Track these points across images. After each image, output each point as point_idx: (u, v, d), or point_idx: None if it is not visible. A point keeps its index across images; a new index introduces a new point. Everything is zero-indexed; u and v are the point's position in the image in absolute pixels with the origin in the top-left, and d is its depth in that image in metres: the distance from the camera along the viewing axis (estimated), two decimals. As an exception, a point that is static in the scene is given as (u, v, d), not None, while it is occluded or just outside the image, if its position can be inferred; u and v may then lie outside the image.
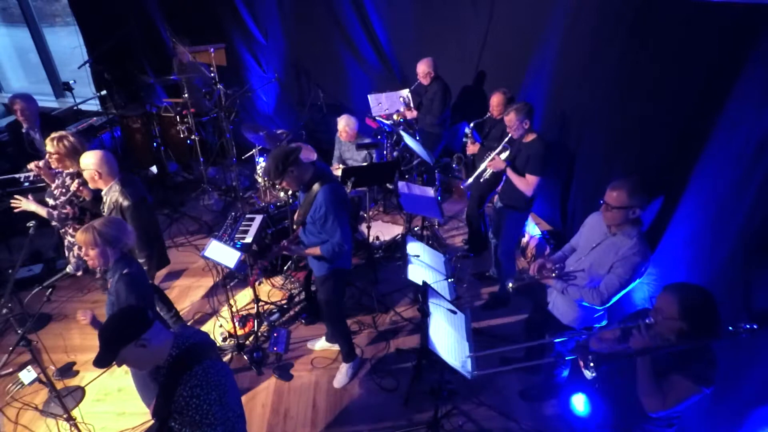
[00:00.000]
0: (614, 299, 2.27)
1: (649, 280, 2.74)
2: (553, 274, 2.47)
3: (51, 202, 3.13)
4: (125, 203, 2.82)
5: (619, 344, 1.99)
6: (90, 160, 2.80)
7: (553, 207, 4.30)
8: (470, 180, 3.78)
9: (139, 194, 2.91)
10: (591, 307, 2.41)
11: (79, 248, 2.35)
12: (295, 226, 2.83)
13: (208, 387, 1.63)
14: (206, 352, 1.76)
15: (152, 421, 2.89)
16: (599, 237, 2.36)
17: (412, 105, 5.04)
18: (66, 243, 3.26)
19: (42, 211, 3.09)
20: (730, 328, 1.59)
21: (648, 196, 2.23)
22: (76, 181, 3.05)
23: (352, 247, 2.90)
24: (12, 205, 3.09)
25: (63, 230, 3.21)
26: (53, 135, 3.04)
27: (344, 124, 4.50)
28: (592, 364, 1.67)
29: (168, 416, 1.66)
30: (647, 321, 1.78)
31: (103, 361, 1.63)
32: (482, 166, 3.64)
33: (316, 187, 2.61)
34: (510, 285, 2.67)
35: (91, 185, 2.92)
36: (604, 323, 2.56)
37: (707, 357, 1.74)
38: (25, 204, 3.09)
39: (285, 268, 4.23)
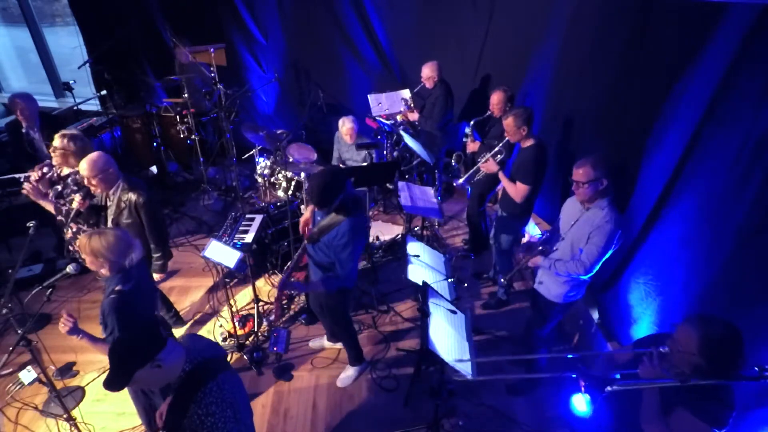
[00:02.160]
0: (596, 267, 2.46)
1: (646, 280, 2.74)
2: (540, 248, 2.69)
3: (63, 202, 3.13)
4: (141, 200, 2.82)
5: (627, 368, 1.85)
6: (102, 161, 2.75)
7: (554, 207, 4.29)
8: (462, 179, 3.78)
9: (147, 190, 2.92)
10: (569, 283, 2.65)
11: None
12: (306, 240, 2.77)
13: (223, 404, 1.59)
14: (219, 366, 1.70)
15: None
16: (575, 215, 2.60)
17: (413, 107, 5.03)
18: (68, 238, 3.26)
19: (49, 206, 3.07)
20: (756, 368, 1.44)
21: (609, 169, 2.39)
22: (78, 197, 2.95)
23: (356, 272, 2.85)
24: (24, 189, 3.03)
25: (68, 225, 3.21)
26: (63, 132, 3.05)
27: (350, 126, 4.49)
28: (584, 391, 1.56)
29: (179, 431, 1.61)
30: (661, 349, 1.63)
31: (115, 384, 1.56)
32: (476, 167, 3.63)
33: (340, 214, 2.52)
34: (503, 280, 2.87)
35: (99, 189, 2.86)
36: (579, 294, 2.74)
37: (723, 397, 1.58)
38: (35, 194, 3.03)
39: (285, 268, 4.23)
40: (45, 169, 3.19)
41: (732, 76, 2.17)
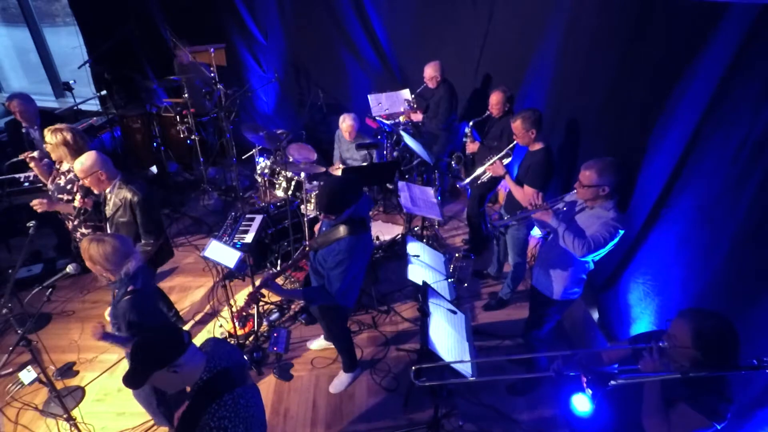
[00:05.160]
0: (594, 254, 2.46)
1: (645, 280, 2.74)
2: (554, 208, 2.66)
3: (66, 197, 3.14)
4: (135, 198, 2.83)
5: (625, 365, 1.90)
6: (89, 163, 2.76)
7: (553, 207, 4.29)
8: (467, 180, 3.78)
9: (144, 188, 2.93)
10: (569, 279, 2.67)
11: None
12: (307, 247, 2.75)
13: (236, 419, 1.57)
14: (238, 378, 1.68)
15: (152, 421, 2.91)
16: (578, 206, 2.63)
17: (416, 107, 5.02)
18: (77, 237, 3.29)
19: (68, 208, 3.12)
20: (755, 361, 1.45)
21: (618, 175, 2.40)
22: (78, 195, 3.05)
23: (358, 294, 2.79)
24: (36, 208, 3.02)
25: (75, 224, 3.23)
26: (51, 127, 3.04)
27: (350, 123, 4.49)
28: (586, 387, 1.59)
29: None
30: (660, 344, 1.66)
31: (132, 382, 1.59)
32: (481, 169, 3.62)
33: (342, 230, 2.43)
34: (494, 225, 3.03)
35: (96, 189, 2.90)
36: (577, 292, 2.76)
37: (722, 390, 1.61)
38: (49, 205, 3.06)
39: (281, 266, 4.23)
40: (36, 154, 3.18)
41: (731, 76, 2.17)
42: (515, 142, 3.28)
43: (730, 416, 1.60)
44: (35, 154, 3.20)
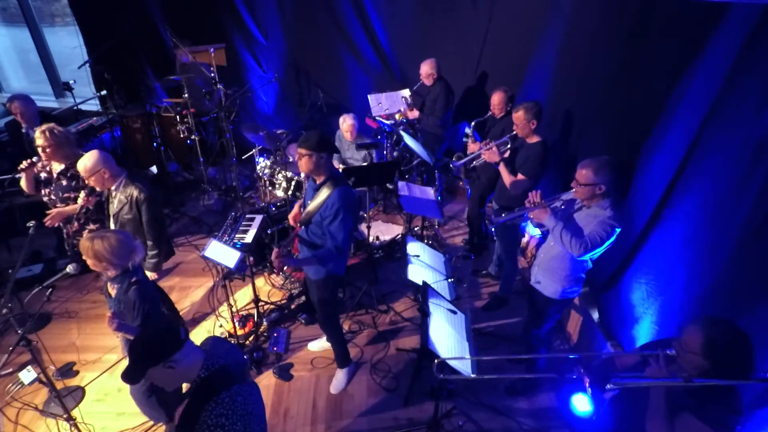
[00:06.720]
0: (590, 253, 2.47)
1: (647, 280, 2.74)
2: (552, 206, 2.66)
3: (74, 194, 3.17)
4: (142, 195, 2.88)
5: (634, 372, 1.87)
6: (92, 162, 2.78)
7: (553, 207, 4.29)
8: (461, 161, 3.80)
9: (149, 187, 2.96)
10: (568, 278, 2.67)
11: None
12: (298, 224, 2.82)
13: (233, 417, 1.57)
14: (236, 375, 1.68)
15: (152, 422, 2.91)
16: (575, 206, 2.65)
17: (412, 105, 5.03)
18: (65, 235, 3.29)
19: (76, 209, 3.15)
20: (766, 374, 1.42)
21: (614, 174, 2.40)
22: (83, 193, 3.06)
23: (348, 253, 2.92)
24: (47, 223, 3.11)
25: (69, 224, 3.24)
26: (41, 127, 3.05)
27: (351, 122, 4.50)
28: (588, 387, 1.57)
29: None
30: (668, 352, 1.64)
31: (131, 378, 1.60)
32: (478, 152, 3.63)
33: (328, 188, 2.61)
34: (491, 221, 2.94)
35: (99, 187, 2.92)
36: (576, 291, 2.77)
37: (730, 402, 1.56)
38: (58, 213, 3.14)
39: (284, 267, 4.23)
40: (34, 159, 3.19)
41: (734, 76, 2.17)
42: (514, 132, 3.32)
43: (739, 429, 1.56)
44: (35, 159, 3.20)
